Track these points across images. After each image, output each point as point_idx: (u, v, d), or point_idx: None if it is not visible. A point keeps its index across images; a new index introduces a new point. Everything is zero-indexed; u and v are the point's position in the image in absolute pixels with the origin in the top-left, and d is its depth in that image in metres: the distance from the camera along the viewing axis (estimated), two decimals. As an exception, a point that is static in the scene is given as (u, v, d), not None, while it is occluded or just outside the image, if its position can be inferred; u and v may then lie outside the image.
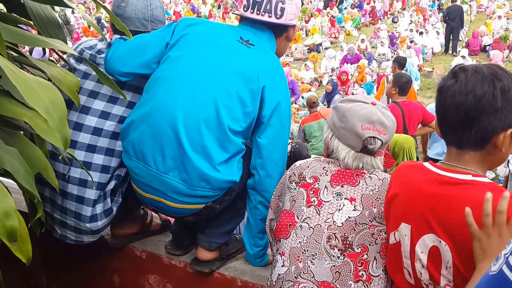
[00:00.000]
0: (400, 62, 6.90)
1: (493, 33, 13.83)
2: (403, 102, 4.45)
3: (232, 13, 7.98)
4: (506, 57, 11.62)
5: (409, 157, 3.83)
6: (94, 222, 1.66)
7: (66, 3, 1.38)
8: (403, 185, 1.15)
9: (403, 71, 6.05)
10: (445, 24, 13.92)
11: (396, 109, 4.32)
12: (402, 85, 4.50)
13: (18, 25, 1.34)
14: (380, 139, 1.32)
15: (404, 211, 1.12)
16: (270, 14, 1.58)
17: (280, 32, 1.67)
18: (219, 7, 21.15)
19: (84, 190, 1.62)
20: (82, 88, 1.65)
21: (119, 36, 1.66)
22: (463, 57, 10.44)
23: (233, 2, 21.15)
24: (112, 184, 1.69)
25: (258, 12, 1.59)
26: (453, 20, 12.92)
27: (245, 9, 1.63)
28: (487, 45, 12.43)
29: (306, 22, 16.44)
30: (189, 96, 1.48)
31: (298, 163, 1.47)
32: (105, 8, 1.42)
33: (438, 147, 4.70)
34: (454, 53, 12.78)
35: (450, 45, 13.19)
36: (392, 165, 3.92)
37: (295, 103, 8.77)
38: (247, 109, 1.50)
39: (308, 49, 13.86)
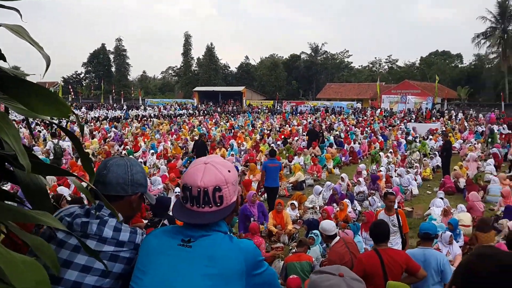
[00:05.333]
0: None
1: (467, 174, 14.49)
2: (384, 249, 4.40)
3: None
4: (482, 198, 11.96)
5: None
6: None
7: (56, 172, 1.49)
8: None
9: (382, 219, 6.17)
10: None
11: (374, 257, 4.30)
12: (378, 234, 4.54)
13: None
14: None
15: None
16: (210, 205, 1.64)
17: (229, 212, 1.72)
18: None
19: None
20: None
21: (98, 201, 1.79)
22: (441, 198, 10.76)
23: (221, 140, 22.13)
24: None
25: (197, 205, 1.64)
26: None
27: (185, 201, 1.68)
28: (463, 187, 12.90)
29: (289, 161, 17.08)
30: None
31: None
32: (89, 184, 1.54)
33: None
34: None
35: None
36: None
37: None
38: None
39: (292, 186, 14.18)
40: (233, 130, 27.73)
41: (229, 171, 1.69)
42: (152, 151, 18.56)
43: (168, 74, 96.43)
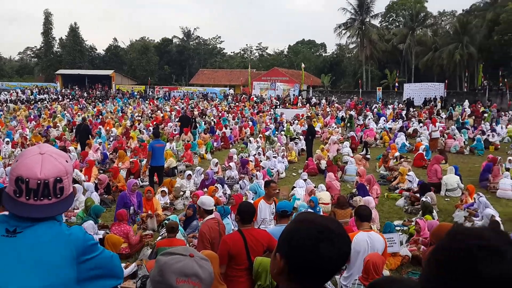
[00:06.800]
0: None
1: (328, 156, 15.76)
2: (247, 230, 4.55)
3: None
4: (340, 177, 13.12)
5: (270, 279, 4.10)
6: None
7: None
8: None
9: (249, 201, 6.39)
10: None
11: (238, 237, 4.45)
12: (244, 215, 4.68)
13: None
14: None
15: None
16: (50, 197, 1.55)
17: (69, 204, 1.67)
18: (71, 130, 20.67)
19: None
20: None
21: None
22: (305, 180, 11.53)
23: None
24: None
25: (35, 198, 1.53)
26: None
27: (18, 195, 1.54)
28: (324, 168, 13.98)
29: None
30: None
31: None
32: None
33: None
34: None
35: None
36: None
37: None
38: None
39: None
40: (101, 116, 26.41)
41: (66, 161, 1.63)
42: (7, 139, 16.85)
43: (27, 55, 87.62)
